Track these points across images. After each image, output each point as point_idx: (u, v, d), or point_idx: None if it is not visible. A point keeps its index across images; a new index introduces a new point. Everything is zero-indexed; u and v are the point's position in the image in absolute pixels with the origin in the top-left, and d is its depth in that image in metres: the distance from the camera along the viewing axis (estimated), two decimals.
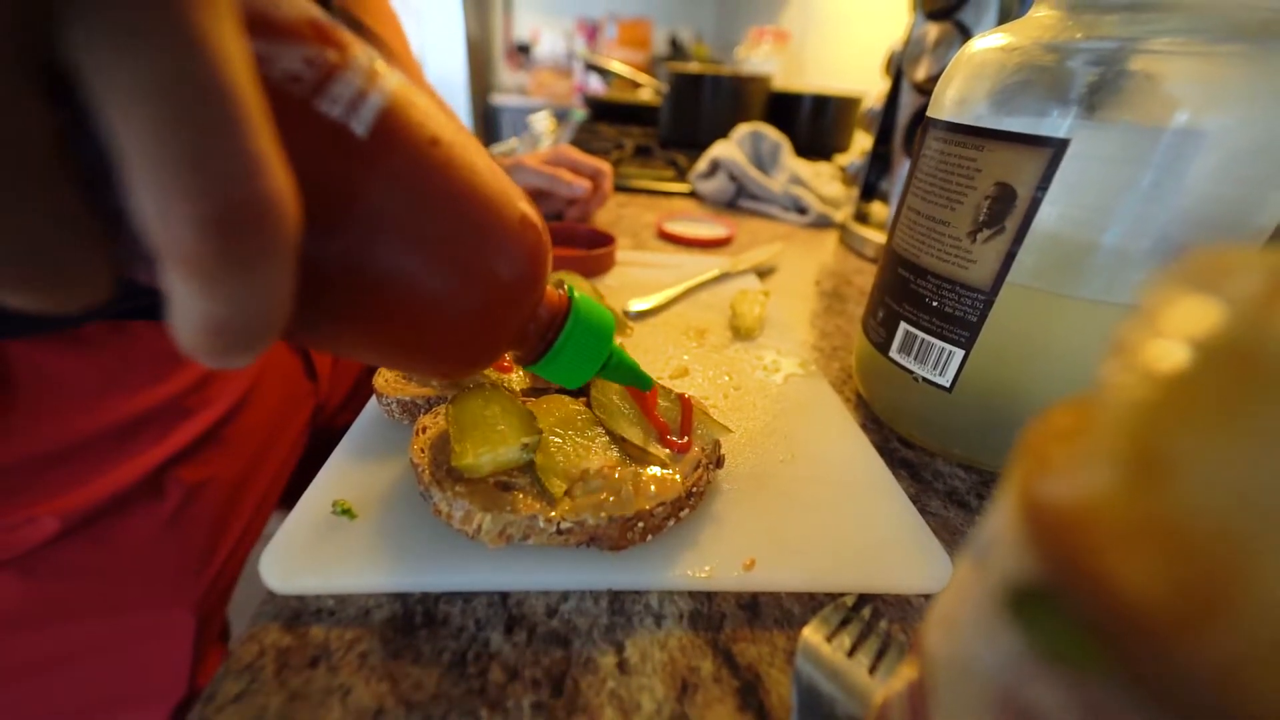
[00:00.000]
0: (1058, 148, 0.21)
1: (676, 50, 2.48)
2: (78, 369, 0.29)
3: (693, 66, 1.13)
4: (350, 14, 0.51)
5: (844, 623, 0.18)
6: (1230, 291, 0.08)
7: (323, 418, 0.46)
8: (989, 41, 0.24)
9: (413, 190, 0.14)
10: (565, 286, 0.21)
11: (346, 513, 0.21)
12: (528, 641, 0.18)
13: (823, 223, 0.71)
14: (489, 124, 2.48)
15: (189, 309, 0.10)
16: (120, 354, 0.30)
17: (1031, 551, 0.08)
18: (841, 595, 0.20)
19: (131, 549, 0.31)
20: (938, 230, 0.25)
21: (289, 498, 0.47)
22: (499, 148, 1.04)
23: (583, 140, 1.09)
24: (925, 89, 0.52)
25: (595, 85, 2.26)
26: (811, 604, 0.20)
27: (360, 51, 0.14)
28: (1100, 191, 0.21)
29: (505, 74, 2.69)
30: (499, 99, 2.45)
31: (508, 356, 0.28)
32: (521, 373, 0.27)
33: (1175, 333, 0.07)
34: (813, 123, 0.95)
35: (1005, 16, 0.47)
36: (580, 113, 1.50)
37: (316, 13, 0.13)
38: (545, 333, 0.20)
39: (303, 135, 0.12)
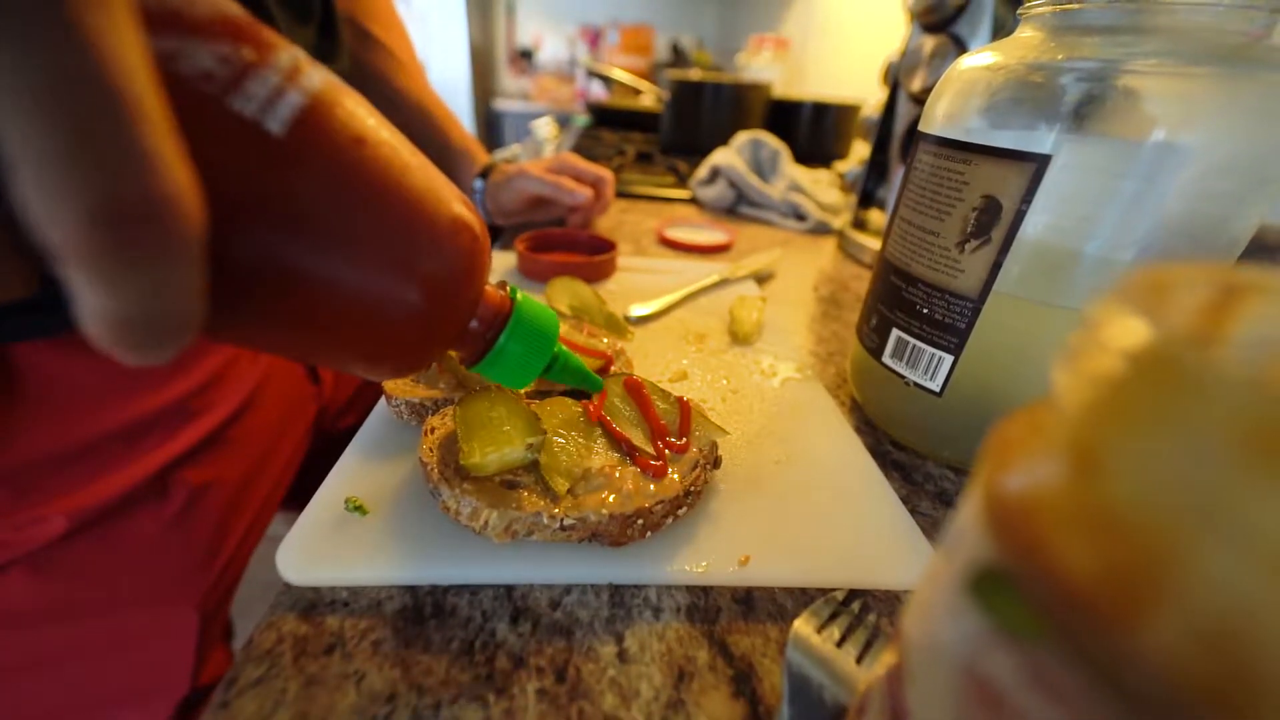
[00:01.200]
0: (1041, 163, 0.22)
1: (678, 56, 2.50)
2: (84, 371, 0.30)
3: (694, 74, 1.14)
4: (356, 21, 0.53)
5: (834, 615, 0.19)
6: (1160, 308, 0.09)
7: (325, 421, 0.47)
8: (977, 60, 0.25)
9: (334, 189, 0.14)
10: (509, 288, 0.21)
11: (358, 509, 0.22)
12: (532, 632, 0.19)
13: (821, 229, 0.72)
14: (491, 129, 2.50)
15: (88, 304, 0.10)
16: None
17: (991, 538, 0.09)
18: (832, 590, 0.21)
19: (137, 548, 0.32)
20: (928, 240, 0.26)
21: (292, 499, 0.48)
22: (502, 153, 1.05)
23: (585, 146, 1.10)
24: (921, 99, 0.54)
25: (597, 91, 2.28)
26: (803, 599, 0.21)
27: (283, 51, 0.14)
28: (1082, 204, 0.22)
29: (508, 79, 2.71)
30: (501, 104, 2.47)
31: None
32: None
33: (1111, 344, 0.08)
34: (812, 130, 0.96)
35: (999, 28, 0.48)
36: (582, 118, 1.52)
37: (235, 11, 0.13)
38: (486, 333, 0.20)
39: (214, 132, 0.12)
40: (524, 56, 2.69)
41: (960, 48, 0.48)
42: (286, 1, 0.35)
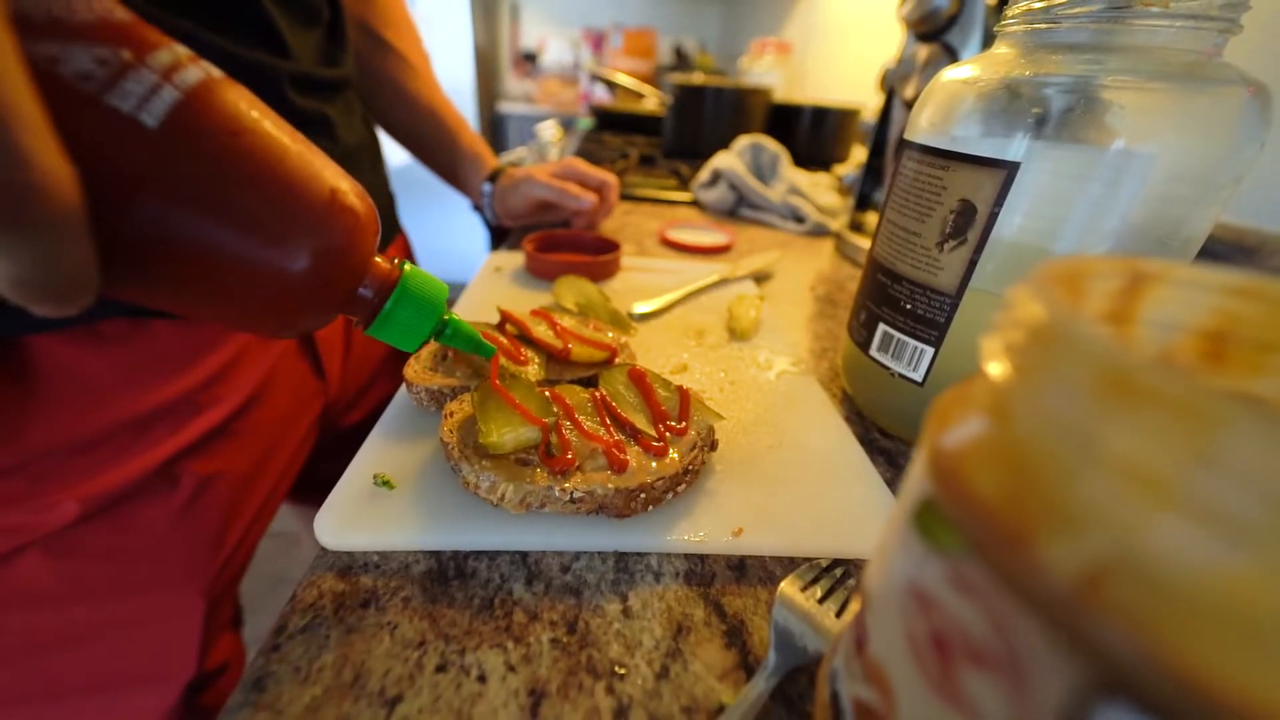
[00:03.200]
0: (1011, 169, 0.24)
1: (681, 60, 2.52)
2: (98, 363, 0.31)
3: (696, 78, 1.17)
4: (369, 26, 0.55)
5: (817, 578, 0.21)
6: (1076, 293, 0.11)
7: (331, 416, 0.49)
8: (957, 73, 0.27)
9: (209, 173, 0.16)
10: (397, 261, 0.23)
11: (386, 484, 0.24)
12: (545, 591, 0.21)
13: (819, 231, 0.74)
14: (496, 131, 2.52)
15: None
16: (139, 350, 0.32)
17: (929, 480, 0.11)
18: (817, 560, 0.23)
19: (147, 534, 0.34)
20: (911, 240, 0.28)
21: (296, 493, 0.50)
22: (508, 156, 1.07)
23: (588, 149, 1.12)
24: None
25: (600, 94, 2.30)
26: (791, 566, 0.23)
27: (164, 51, 0.16)
28: (1051, 207, 0.24)
29: (512, 82, 2.73)
30: (506, 107, 2.49)
31: (524, 351, 0.31)
32: (537, 365, 0.30)
33: (1018, 321, 0.10)
34: (812, 134, 0.98)
35: (989, 39, 0.50)
36: (586, 121, 1.54)
37: (118, 16, 0.15)
38: (375, 299, 0.22)
39: (95, 126, 0.14)
40: (528, 59, 2.72)
41: (952, 56, 0.50)
42: (289, 6, 0.37)
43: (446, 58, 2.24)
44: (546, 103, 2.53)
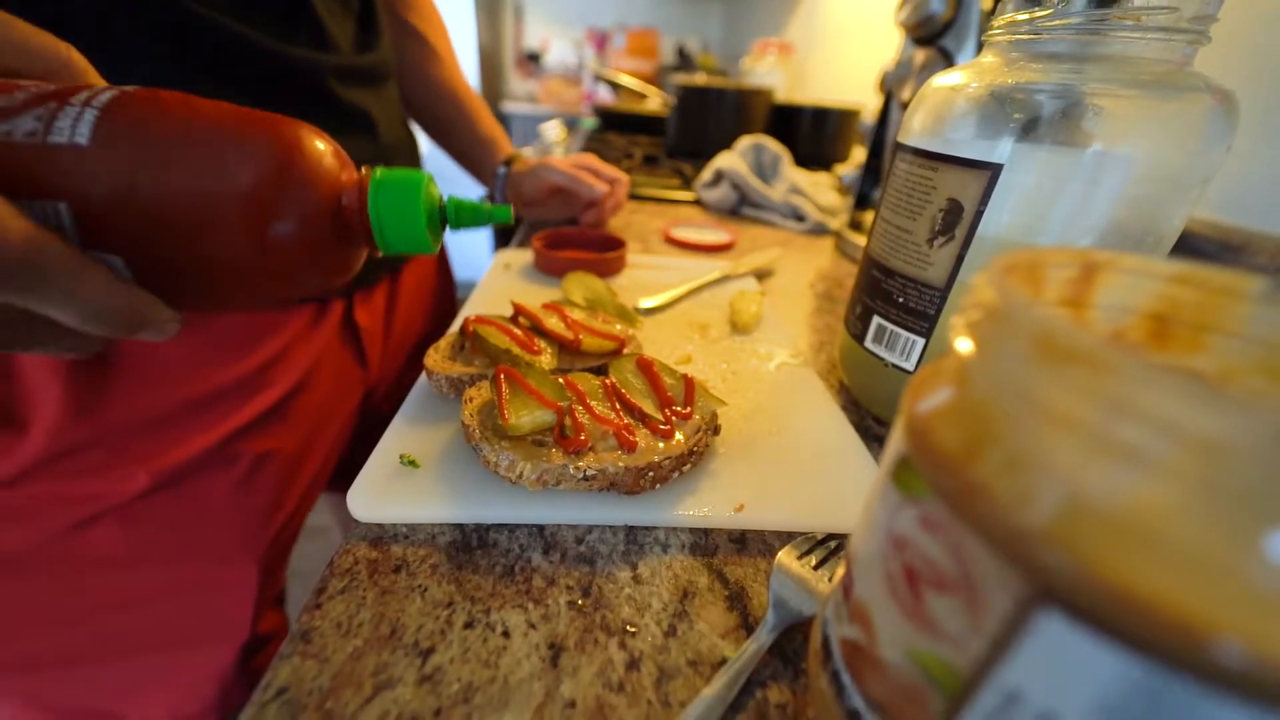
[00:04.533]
0: (995, 170, 0.25)
1: (683, 60, 2.53)
2: (171, 349, 0.34)
3: (699, 79, 1.18)
4: (395, 12, 0.56)
5: (811, 549, 0.23)
6: (1036, 281, 0.13)
7: (372, 402, 0.51)
8: (947, 80, 0.29)
9: (149, 152, 0.19)
10: (366, 169, 0.24)
11: (411, 463, 0.26)
12: (561, 560, 0.23)
13: (819, 230, 0.75)
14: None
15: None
16: (206, 336, 0.35)
17: (905, 440, 0.12)
18: (812, 534, 0.25)
19: (207, 506, 0.36)
20: (903, 237, 0.30)
21: (337, 476, 0.52)
22: None
23: (593, 149, 1.14)
24: None
25: (603, 94, 2.32)
26: (788, 540, 0.24)
27: (83, 91, 0.19)
28: (1034, 205, 0.26)
29: (515, 82, 2.75)
30: (509, 106, 2.51)
31: (537, 342, 0.32)
32: (550, 355, 0.32)
33: (978, 302, 0.11)
34: (814, 133, 1.00)
35: (984, 44, 0.52)
36: (590, 121, 1.56)
37: (47, 87, 0.19)
38: (360, 209, 0.23)
39: (47, 166, 0.18)
40: (531, 59, 2.74)
41: (947, 60, 0.52)
42: None
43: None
44: (550, 103, 2.55)
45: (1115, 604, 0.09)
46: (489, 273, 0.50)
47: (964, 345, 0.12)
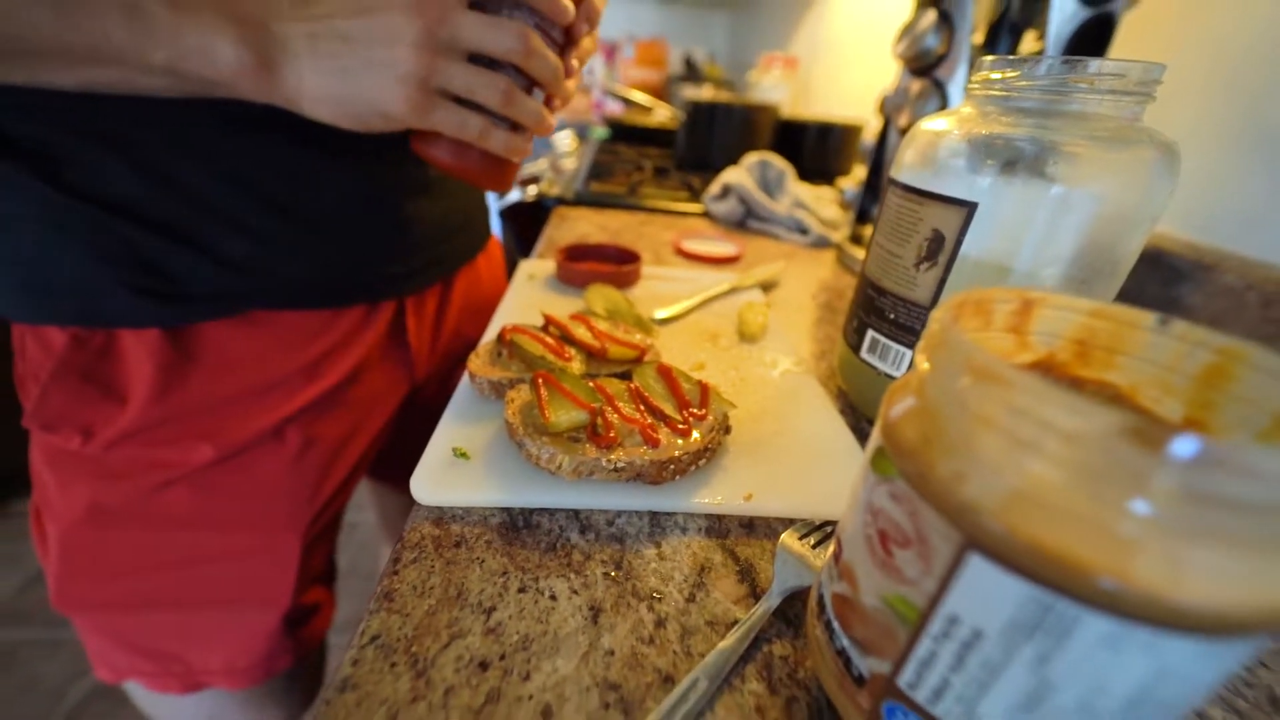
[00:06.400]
0: (971, 207, 0.29)
1: (691, 70, 2.58)
2: (239, 342, 0.39)
3: (705, 93, 1.23)
4: None
5: (810, 532, 0.27)
6: (983, 314, 0.17)
7: (415, 399, 0.54)
8: (932, 125, 0.32)
9: None
10: None
11: (463, 455, 0.30)
12: (596, 539, 0.27)
13: (822, 243, 0.79)
14: None
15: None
16: (270, 331, 0.39)
17: (881, 435, 0.16)
18: (812, 519, 0.28)
19: (261, 481, 0.41)
20: (894, 261, 0.34)
21: (379, 466, 0.56)
22: (530, 167, 1.13)
23: (604, 161, 1.18)
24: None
25: (612, 105, 2.36)
26: (790, 524, 0.28)
27: None
28: (1007, 236, 0.30)
29: None
30: None
31: (566, 350, 0.36)
32: (578, 361, 0.36)
33: (931, 331, 0.15)
34: (818, 148, 1.04)
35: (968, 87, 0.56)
36: (601, 131, 1.60)
37: None
38: None
39: None
40: None
41: (940, 91, 0.56)
42: None
43: None
44: (560, 111, 2.59)
45: (1020, 550, 0.12)
46: (515, 283, 0.54)
47: (923, 364, 0.15)
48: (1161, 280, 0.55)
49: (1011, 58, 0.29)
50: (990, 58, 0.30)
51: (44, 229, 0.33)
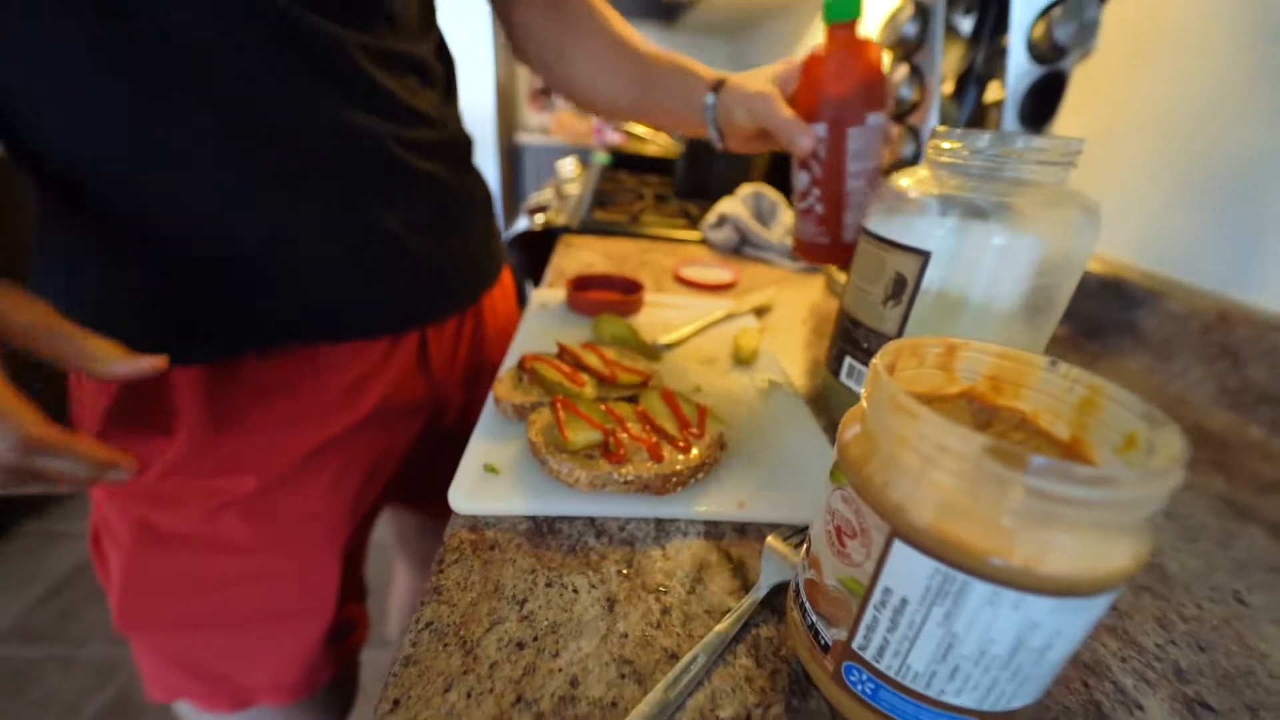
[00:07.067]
0: (927, 256, 0.34)
1: None
2: (279, 373, 0.43)
3: None
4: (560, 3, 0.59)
5: (793, 534, 0.31)
6: (916, 356, 0.22)
7: (438, 424, 0.58)
8: (896, 182, 0.38)
9: None
10: None
11: (492, 470, 0.34)
12: (609, 543, 0.31)
13: (812, 269, 0.84)
14: (514, 161, 2.67)
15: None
16: (309, 365, 0.43)
17: (837, 452, 0.21)
18: (795, 524, 0.33)
19: (303, 504, 0.45)
20: (866, 297, 0.39)
21: (405, 487, 0.60)
22: (536, 196, 1.19)
23: (606, 188, 1.24)
24: (885, 174, 0.66)
25: (610, 134, 2.45)
26: (776, 528, 0.33)
27: None
28: (959, 278, 0.34)
29: (529, 114, 2.89)
30: (523, 138, 2.65)
31: (579, 376, 0.41)
32: (590, 386, 0.41)
33: (872, 370, 0.20)
34: None
35: (945, 120, 0.61)
36: (603, 157, 1.67)
37: None
38: None
39: None
40: (544, 93, 2.88)
41: (915, 135, 0.61)
42: (404, 71, 0.44)
43: (471, 91, 2.39)
44: (561, 135, 2.68)
45: (931, 537, 0.17)
46: (529, 311, 0.59)
47: (864, 400, 0.20)
48: (1120, 306, 0.60)
49: (959, 131, 0.34)
50: (942, 129, 0.36)
51: (103, 271, 0.37)
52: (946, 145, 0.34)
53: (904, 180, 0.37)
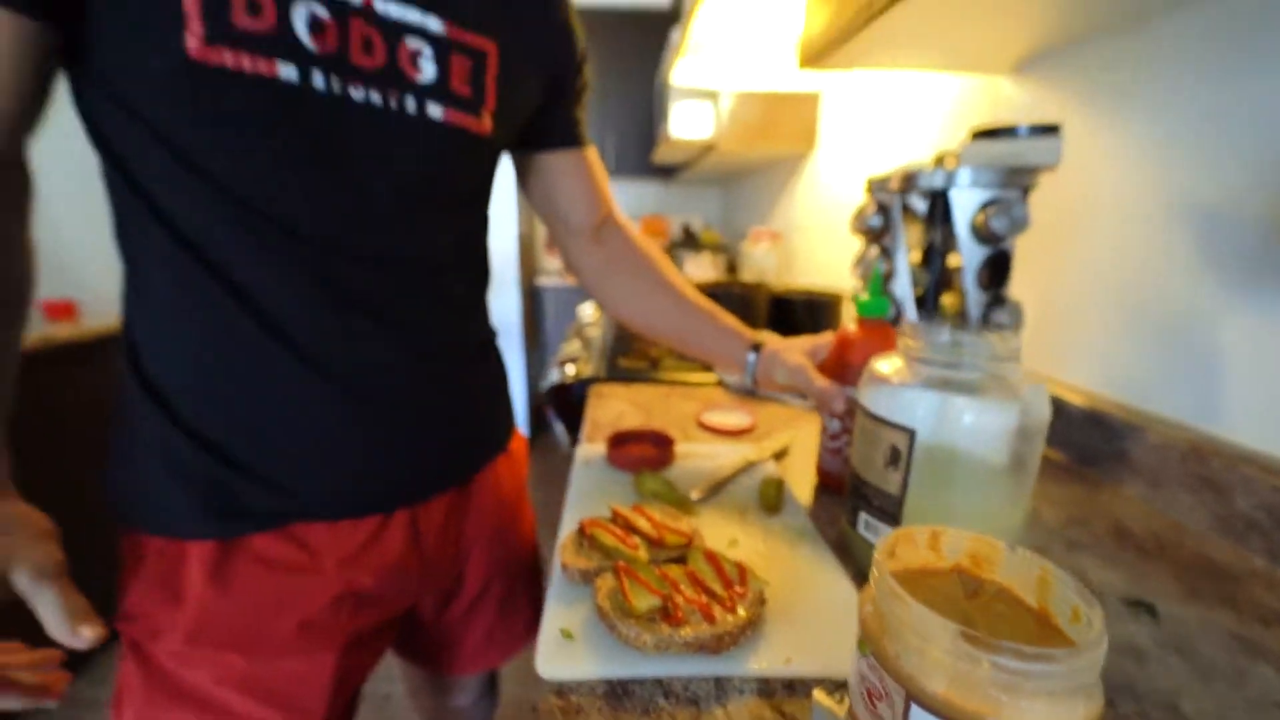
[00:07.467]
0: (913, 433, 0.42)
1: (689, 237, 3.00)
2: (280, 548, 0.47)
3: (705, 266, 1.47)
4: (620, 231, 0.72)
5: (835, 689, 0.36)
6: (908, 543, 0.29)
7: (419, 610, 0.63)
8: (879, 367, 0.47)
9: None
10: None
11: (568, 635, 0.40)
12: (676, 703, 0.36)
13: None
14: (535, 302, 2.94)
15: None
16: (301, 542, 0.48)
17: (860, 626, 0.27)
18: (836, 677, 0.37)
19: (290, 676, 0.49)
20: (871, 462, 0.46)
21: (403, 646, 0.64)
22: (564, 348, 1.34)
23: (624, 334, 1.39)
24: None
25: None
26: (821, 682, 0.37)
27: None
28: (945, 444, 0.42)
29: (547, 259, 3.23)
30: (542, 281, 2.94)
31: (631, 538, 0.48)
32: (642, 548, 0.47)
33: (880, 552, 0.27)
34: (807, 318, 1.24)
35: (916, 282, 0.74)
36: None
37: None
38: None
39: None
40: None
41: (887, 255, 0.73)
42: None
43: (498, 241, 2.70)
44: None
45: (938, 702, 0.23)
46: (575, 470, 0.67)
47: (871, 579, 0.27)
48: (1103, 438, 0.67)
49: (922, 328, 0.44)
50: (909, 325, 0.46)
51: (160, 453, 0.43)
52: (912, 344, 0.44)
53: (885, 365, 0.47)
